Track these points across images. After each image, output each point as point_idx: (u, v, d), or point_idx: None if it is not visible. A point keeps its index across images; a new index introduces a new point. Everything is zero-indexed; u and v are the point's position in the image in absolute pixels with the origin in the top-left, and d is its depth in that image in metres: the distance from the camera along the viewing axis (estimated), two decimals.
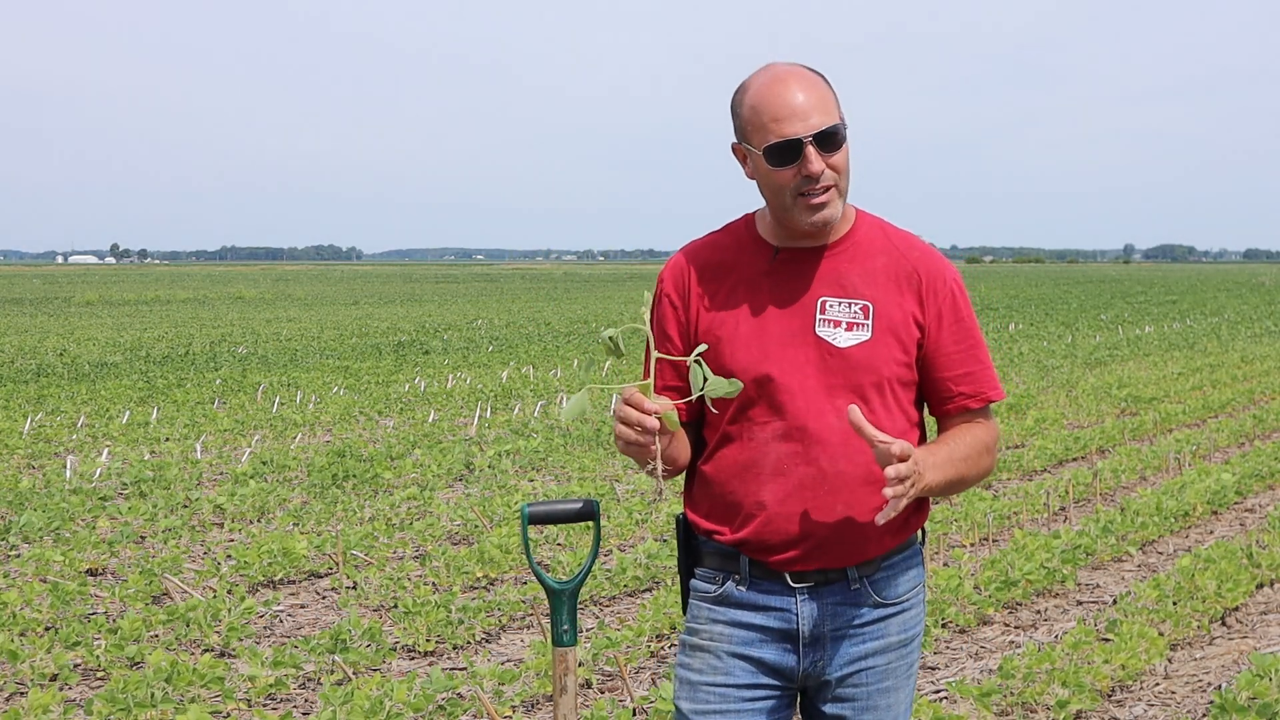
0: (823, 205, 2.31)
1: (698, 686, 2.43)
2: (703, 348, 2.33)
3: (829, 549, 2.35)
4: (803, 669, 2.41)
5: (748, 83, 2.36)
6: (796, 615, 2.38)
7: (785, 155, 2.28)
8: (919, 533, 2.50)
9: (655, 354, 2.33)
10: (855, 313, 2.35)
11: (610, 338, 2.30)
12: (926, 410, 2.51)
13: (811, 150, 2.27)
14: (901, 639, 2.44)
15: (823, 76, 2.36)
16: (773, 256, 2.41)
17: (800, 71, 2.33)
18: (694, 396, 2.31)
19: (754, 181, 2.40)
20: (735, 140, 2.39)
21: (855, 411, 2.22)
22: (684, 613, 2.52)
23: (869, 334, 2.34)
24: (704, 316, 2.43)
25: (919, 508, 2.46)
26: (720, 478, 2.40)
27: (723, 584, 2.43)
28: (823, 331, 2.35)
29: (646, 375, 2.31)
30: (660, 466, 2.27)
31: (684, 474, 2.54)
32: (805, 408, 2.33)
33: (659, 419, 2.23)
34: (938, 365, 2.40)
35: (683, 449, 2.44)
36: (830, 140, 2.29)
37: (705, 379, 2.28)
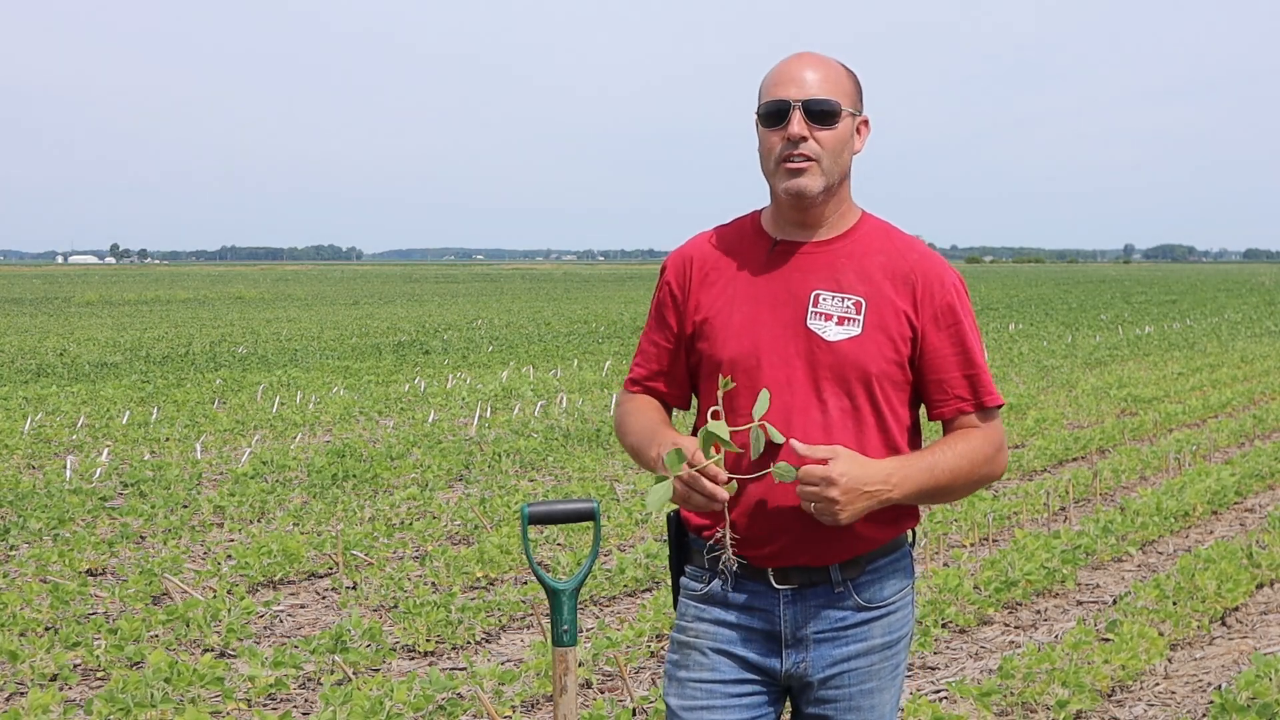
0: (799, 173, 2.34)
1: (685, 683, 2.44)
2: (764, 404, 2.31)
3: (811, 544, 2.35)
4: (785, 669, 2.41)
5: (777, 63, 2.43)
6: (779, 617, 2.39)
7: (774, 116, 2.35)
8: (908, 534, 2.49)
9: (719, 435, 2.31)
10: (847, 307, 2.36)
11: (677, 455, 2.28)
12: (925, 416, 2.51)
13: (797, 114, 2.33)
14: (886, 641, 2.44)
15: (848, 70, 2.42)
16: (771, 248, 2.43)
17: (822, 56, 2.40)
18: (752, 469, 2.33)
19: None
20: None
21: (798, 445, 2.27)
22: (675, 609, 2.53)
23: (859, 329, 2.35)
24: (701, 305, 2.45)
25: (905, 513, 2.45)
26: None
27: (709, 583, 2.44)
28: (814, 324, 2.36)
29: (715, 450, 2.31)
30: (729, 536, 2.33)
31: None
32: (791, 400, 2.34)
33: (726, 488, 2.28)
34: (933, 367, 2.40)
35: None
36: (821, 114, 2.34)
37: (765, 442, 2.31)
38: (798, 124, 2.33)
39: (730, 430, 2.30)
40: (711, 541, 2.36)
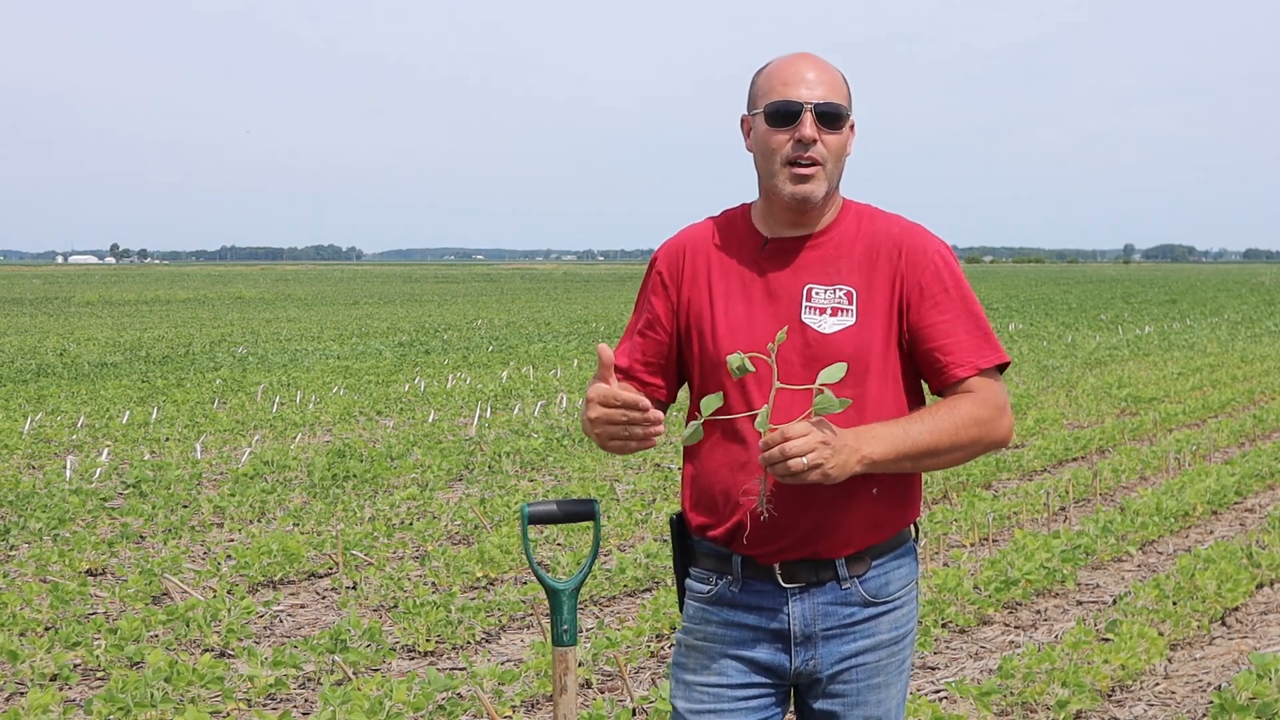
0: (806, 178, 2.35)
1: (692, 686, 2.46)
2: (839, 372, 2.25)
3: (816, 538, 2.36)
4: (794, 667, 2.42)
5: (771, 61, 2.44)
6: (788, 615, 2.40)
7: (784, 117, 2.35)
8: (911, 528, 2.50)
9: (777, 385, 2.25)
10: (839, 298, 2.37)
11: (740, 366, 2.26)
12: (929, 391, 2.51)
13: (809, 116, 2.34)
14: (892, 636, 2.45)
15: (842, 73, 2.44)
16: (762, 247, 2.44)
17: (822, 59, 2.42)
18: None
19: (751, 155, 2.45)
20: (745, 113, 2.45)
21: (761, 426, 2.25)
22: (680, 611, 2.54)
23: (853, 319, 2.36)
24: (694, 301, 2.45)
25: (908, 502, 2.46)
26: (709, 467, 2.41)
27: (716, 584, 2.44)
28: (808, 319, 2.36)
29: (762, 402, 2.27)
30: (763, 504, 2.31)
31: (680, 471, 2.55)
32: (791, 394, 2.33)
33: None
34: (924, 337, 2.39)
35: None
36: (831, 118, 2.35)
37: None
38: (810, 126, 2.33)
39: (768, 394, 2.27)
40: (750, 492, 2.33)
